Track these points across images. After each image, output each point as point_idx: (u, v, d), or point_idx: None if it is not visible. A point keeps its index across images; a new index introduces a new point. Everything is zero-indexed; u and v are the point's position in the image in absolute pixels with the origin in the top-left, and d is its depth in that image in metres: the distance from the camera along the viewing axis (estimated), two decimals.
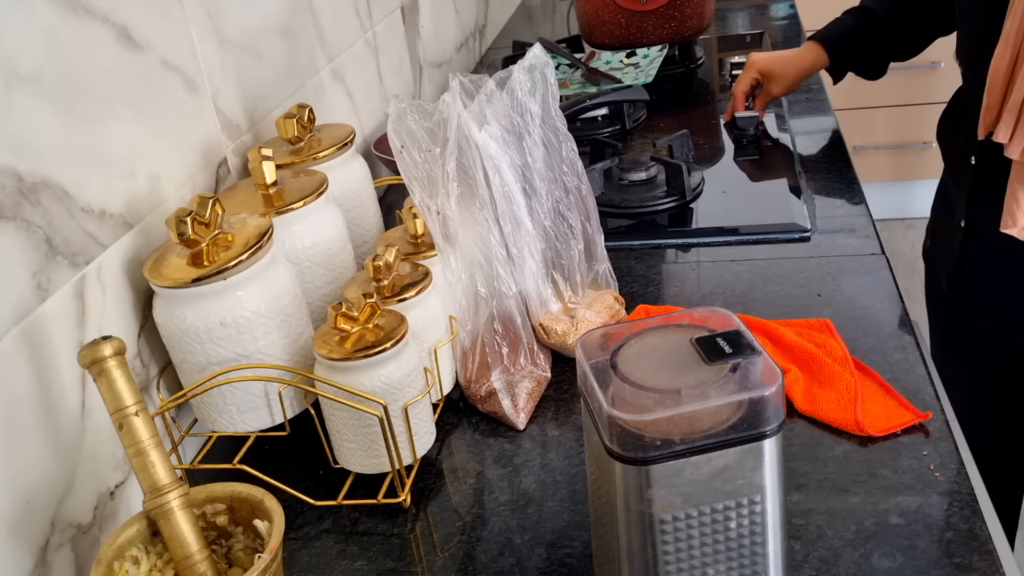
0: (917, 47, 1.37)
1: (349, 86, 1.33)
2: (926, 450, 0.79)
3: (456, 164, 0.92)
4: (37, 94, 0.72)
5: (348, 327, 0.80)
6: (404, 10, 1.57)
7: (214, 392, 0.82)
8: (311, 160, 1.00)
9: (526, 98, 0.96)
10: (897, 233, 3.09)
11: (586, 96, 1.51)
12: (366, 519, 0.82)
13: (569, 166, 0.99)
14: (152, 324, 0.84)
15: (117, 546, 0.66)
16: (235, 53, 1.03)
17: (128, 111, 0.84)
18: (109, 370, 0.65)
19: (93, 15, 0.79)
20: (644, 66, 1.71)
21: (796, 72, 1.43)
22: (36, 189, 0.72)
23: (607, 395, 0.57)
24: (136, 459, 0.66)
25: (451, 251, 0.92)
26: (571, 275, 1.00)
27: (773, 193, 1.27)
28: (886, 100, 2.96)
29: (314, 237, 0.93)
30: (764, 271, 1.09)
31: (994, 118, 1.03)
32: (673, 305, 1.06)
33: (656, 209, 1.26)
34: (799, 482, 0.78)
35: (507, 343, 0.93)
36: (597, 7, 1.76)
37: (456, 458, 0.88)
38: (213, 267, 0.78)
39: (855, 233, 1.15)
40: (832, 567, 0.70)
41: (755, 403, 0.56)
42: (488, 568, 0.74)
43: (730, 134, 1.47)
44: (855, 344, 0.93)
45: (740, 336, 0.59)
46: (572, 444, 0.87)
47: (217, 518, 0.71)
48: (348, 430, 0.81)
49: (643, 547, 0.58)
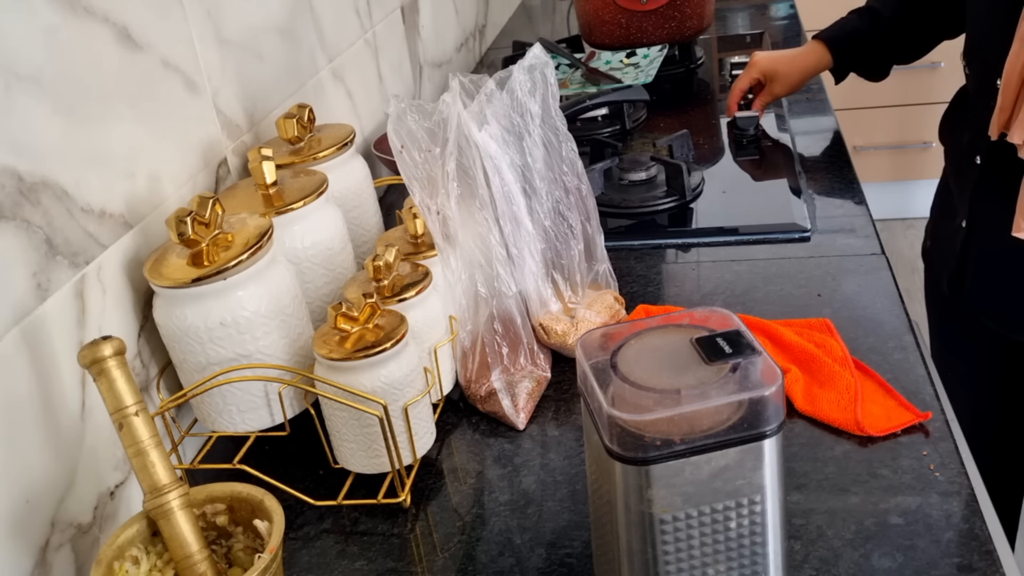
0: (922, 50, 1.37)
1: (349, 86, 1.33)
2: (926, 450, 0.79)
3: (456, 164, 0.92)
4: (37, 94, 0.72)
5: (348, 327, 0.80)
6: (404, 10, 1.57)
7: (214, 392, 0.82)
8: (311, 160, 1.00)
9: (526, 98, 0.96)
10: (897, 233, 3.09)
11: (586, 96, 1.51)
12: (366, 519, 0.82)
13: (569, 166, 0.99)
14: (152, 324, 0.84)
15: (117, 546, 0.66)
16: (235, 53, 1.03)
17: (128, 111, 0.84)
18: (109, 370, 0.65)
19: (93, 15, 0.79)
20: (644, 66, 1.71)
21: (799, 72, 1.43)
22: (36, 189, 0.72)
23: (607, 395, 0.57)
24: (136, 459, 0.66)
25: (451, 251, 0.92)
26: (571, 275, 1.00)
27: (773, 193, 1.27)
28: (886, 100, 2.96)
29: (314, 237, 0.93)
30: (764, 271, 1.09)
31: (1007, 118, 1.02)
32: (673, 305, 1.06)
33: (656, 209, 1.26)
34: (799, 482, 0.78)
35: (507, 343, 0.93)
36: (597, 7, 1.76)
37: (456, 458, 0.88)
38: (213, 267, 0.78)
39: (855, 233, 1.15)
40: (832, 567, 0.70)
41: (755, 403, 0.56)
42: (488, 568, 0.74)
43: (730, 134, 1.47)
44: (855, 344, 0.93)
45: (740, 336, 0.59)
46: (572, 444, 0.87)
47: (217, 518, 0.71)
48: (348, 430, 0.81)
49: (643, 547, 0.58)
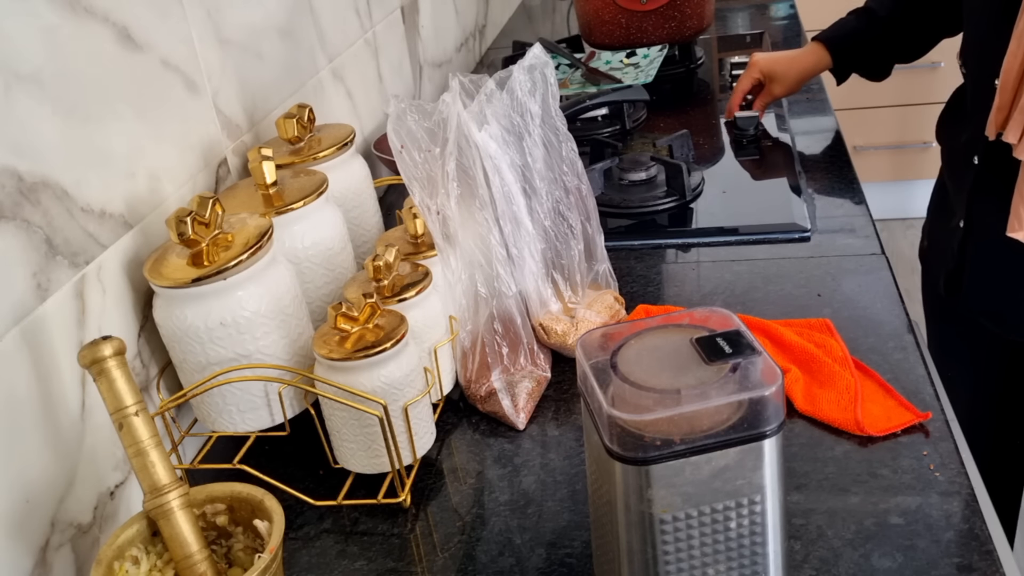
0: (922, 49, 1.37)
1: (349, 86, 1.33)
2: (926, 450, 0.79)
3: (456, 164, 0.92)
4: (37, 94, 0.72)
5: (348, 327, 0.80)
6: (404, 10, 1.57)
7: (214, 392, 0.82)
8: (311, 160, 1.00)
9: (526, 98, 0.96)
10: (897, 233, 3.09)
11: (586, 96, 1.51)
12: (366, 519, 0.82)
13: (569, 166, 0.99)
14: (152, 324, 0.84)
15: (117, 546, 0.66)
16: (235, 53, 1.03)
17: (128, 111, 0.84)
18: (109, 370, 0.65)
19: (93, 15, 0.79)
20: (644, 66, 1.70)
21: (799, 73, 1.43)
22: (36, 189, 0.72)
23: (607, 395, 0.57)
24: (136, 459, 0.66)
25: (451, 251, 0.92)
26: (571, 275, 1.00)
27: (773, 193, 1.27)
28: (886, 100, 2.96)
29: (314, 237, 0.93)
30: (764, 271, 1.09)
31: (1004, 118, 1.02)
32: (673, 305, 1.06)
33: (656, 209, 1.26)
34: (799, 482, 0.78)
35: (507, 343, 0.93)
36: (597, 7, 1.76)
37: (456, 458, 0.88)
38: (213, 267, 0.78)
39: (855, 233, 1.15)
40: (832, 567, 0.70)
41: (755, 403, 0.56)
42: (488, 568, 0.74)
43: (730, 134, 1.47)
44: (855, 344, 0.93)
45: (740, 336, 0.59)
46: (572, 444, 0.87)
47: (217, 518, 0.71)
48: (348, 430, 0.81)
49: (643, 547, 0.58)
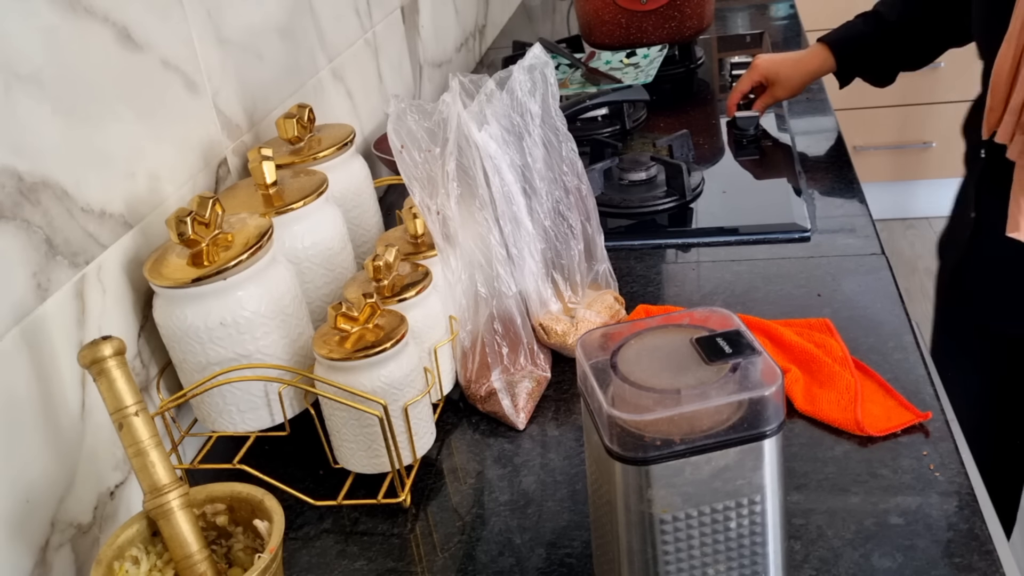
0: (928, 56, 1.35)
1: (349, 86, 1.33)
2: (926, 450, 0.79)
3: (456, 164, 0.92)
4: (37, 94, 0.72)
5: (348, 327, 0.80)
6: (404, 10, 1.57)
7: (214, 392, 0.82)
8: (311, 160, 1.00)
9: (526, 98, 0.96)
10: (897, 233, 3.09)
11: (586, 96, 1.51)
12: (366, 519, 0.82)
13: (569, 166, 0.99)
14: (152, 324, 0.84)
15: (117, 546, 0.66)
16: (235, 53, 1.03)
17: (128, 111, 0.84)
18: (109, 370, 0.65)
19: (93, 15, 0.79)
20: (644, 66, 1.70)
21: (802, 75, 1.42)
22: (36, 189, 0.72)
23: (607, 395, 0.57)
24: (136, 459, 0.66)
25: (451, 251, 0.92)
26: (571, 275, 1.00)
27: (773, 193, 1.27)
28: (886, 100, 2.96)
29: (314, 237, 0.93)
30: (764, 271, 1.09)
31: (997, 118, 1.02)
32: (673, 305, 1.06)
33: (656, 209, 1.26)
34: (799, 482, 0.78)
35: (507, 343, 0.93)
36: (597, 7, 1.76)
37: (456, 458, 0.88)
38: (213, 267, 0.78)
39: (855, 233, 1.15)
40: (832, 567, 0.70)
41: (755, 403, 0.56)
42: (488, 568, 0.74)
43: (730, 134, 1.47)
44: (855, 344, 0.93)
45: (740, 336, 0.59)
46: (572, 444, 0.87)
47: (217, 518, 0.71)
48: (348, 430, 0.81)
49: (643, 547, 0.58)
